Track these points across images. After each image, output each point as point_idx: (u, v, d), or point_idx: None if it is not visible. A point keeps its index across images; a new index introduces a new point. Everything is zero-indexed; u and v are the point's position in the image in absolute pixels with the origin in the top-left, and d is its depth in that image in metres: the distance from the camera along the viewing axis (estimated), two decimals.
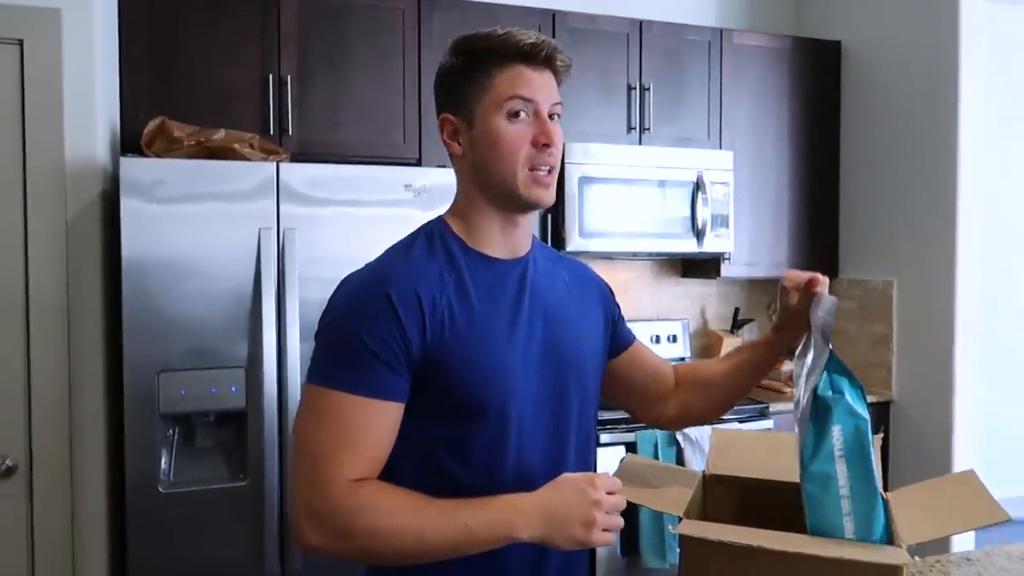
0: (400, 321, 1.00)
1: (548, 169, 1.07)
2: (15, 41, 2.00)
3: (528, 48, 1.05)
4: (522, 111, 1.04)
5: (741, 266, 3.18)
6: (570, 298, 1.20)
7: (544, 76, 1.07)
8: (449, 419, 1.05)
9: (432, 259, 1.07)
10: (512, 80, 1.05)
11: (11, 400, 2.03)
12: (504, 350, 1.06)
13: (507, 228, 1.11)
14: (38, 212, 2.02)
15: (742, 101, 3.17)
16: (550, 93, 1.07)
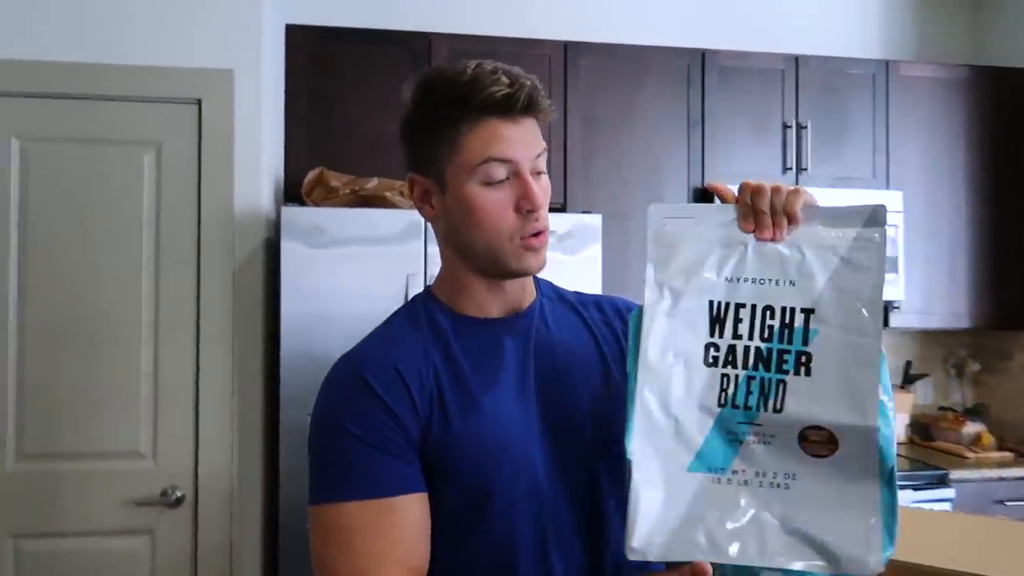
0: (385, 404, 0.86)
1: (537, 233, 0.90)
2: (194, 101, 2.17)
3: (502, 100, 0.87)
4: (500, 175, 0.88)
5: (912, 315, 2.90)
6: (589, 345, 1.01)
7: (523, 127, 0.89)
8: (448, 514, 0.89)
9: (414, 332, 0.94)
10: (485, 140, 0.87)
11: (181, 434, 2.16)
12: (506, 424, 0.90)
13: (494, 288, 0.96)
14: (209, 255, 2.16)
15: (911, 137, 2.93)
16: (531, 145, 0.89)
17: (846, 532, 0.72)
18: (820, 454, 0.73)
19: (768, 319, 0.77)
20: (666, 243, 0.81)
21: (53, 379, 2.11)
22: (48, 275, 2.12)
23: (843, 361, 0.75)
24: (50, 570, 2.11)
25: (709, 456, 0.76)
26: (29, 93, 2.10)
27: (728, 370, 0.77)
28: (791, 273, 0.78)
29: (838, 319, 0.76)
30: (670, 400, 0.77)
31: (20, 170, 2.11)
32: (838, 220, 0.79)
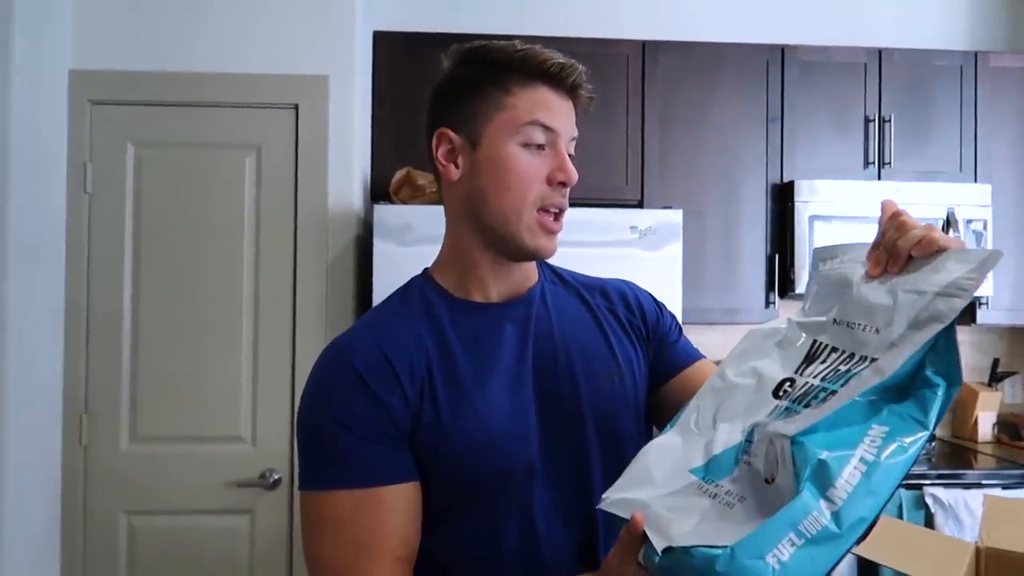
0: (374, 393, 0.84)
1: (558, 212, 0.90)
2: (291, 105, 2.29)
3: (556, 69, 0.89)
4: (540, 140, 0.89)
5: (1001, 312, 2.83)
6: (593, 332, 0.98)
7: (569, 105, 0.92)
8: (436, 505, 0.87)
9: (406, 317, 0.92)
10: (535, 103, 0.89)
11: (278, 419, 2.28)
12: (499, 418, 0.87)
13: (499, 269, 0.94)
14: (305, 251, 2.29)
15: (1002, 129, 2.85)
16: (571, 126, 0.92)
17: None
18: (770, 477, 0.67)
19: (841, 364, 0.72)
20: (814, 283, 0.84)
21: (163, 368, 2.27)
22: (159, 271, 2.27)
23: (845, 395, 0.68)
24: (159, 545, 2.27)
25: (715, 467, 0.73)
26: (143, 102, 2.27)
27: (784, 402, 0.73)
28: (880, 320, 0.71)
29: (883, 364, 0.68)
30: (722, 411, 0.77)
31: (134, 173, 2.28)
32: (945, 263, 0.70)
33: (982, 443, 2.95)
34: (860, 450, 0.64)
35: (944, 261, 0.70)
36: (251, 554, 2.28)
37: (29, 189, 2.05)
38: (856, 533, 0.63)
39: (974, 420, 2.99)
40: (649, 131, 2.72)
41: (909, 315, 0.69)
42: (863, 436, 0.65)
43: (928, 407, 0.67)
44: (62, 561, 2.23)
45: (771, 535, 0.62)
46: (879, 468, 0.63)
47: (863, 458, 0.64)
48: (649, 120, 2.72)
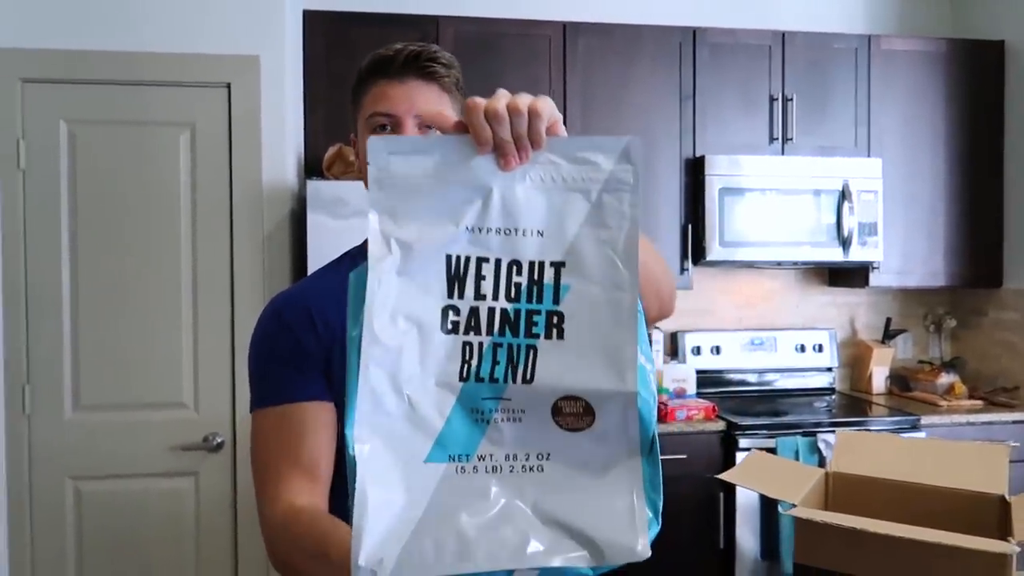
0: (292, 331, 1.00)
1: None
2: (223, 84, 2.38)
3: (382, 62, 1.02)
4: (384, 124, 1.01)
5: (891, 275, 3.11)
6: None
7: (407, 87, 1.01)
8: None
9: (333, 275, 1.06)
10: (373, 98, 1.02)
11: (219, 386, 2.40)
12: None
13: None
14: (241, 225, 2.39)
15: (892, 107, 3.11)
16: (413, 103, 1.01)
17: (608, 515, 0.62)
18: (575, 427, 0.63)
19: (515, 275, 0.65)
20: (393, 185, 0.65)
21: (104, 339, 2.35)
22: (97, 245, 2.35)
23: (598, 321, 0.64)
24: (106, 508, 2.37)
25: (451, 442, 0.63)
26: (75, 80, 2.32)
27: (471, 337, 0.64)
28: (539, 221, 0.65)
29: (591, 273, 0.64)
30: (401, 377, 0.63)
31: (68, 150, 2.33)
32: (588, 157, 0.66)
33: (875, 395, 3.25)
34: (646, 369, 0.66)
35: (580, 151, 0.66)
36: (197, 513, 2.40)
37: None
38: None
39: (869, 374, 3.28)
40: (571, 109, 2.87)
41: (579, 213, 0.65)
42: (640, 362, 0.65)
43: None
44: (9, 525, 2.32)
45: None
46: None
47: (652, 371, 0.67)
48: (571, 99, 2.88)
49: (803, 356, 3.29)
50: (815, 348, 3.31)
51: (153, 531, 2.38)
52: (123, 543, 2.37)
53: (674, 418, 2.73)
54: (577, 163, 0.66)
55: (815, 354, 3.30)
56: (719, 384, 3.24)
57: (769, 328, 3.35)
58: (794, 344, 3.29)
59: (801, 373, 3.31)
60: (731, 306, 3.36)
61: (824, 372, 3.32)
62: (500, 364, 0.64)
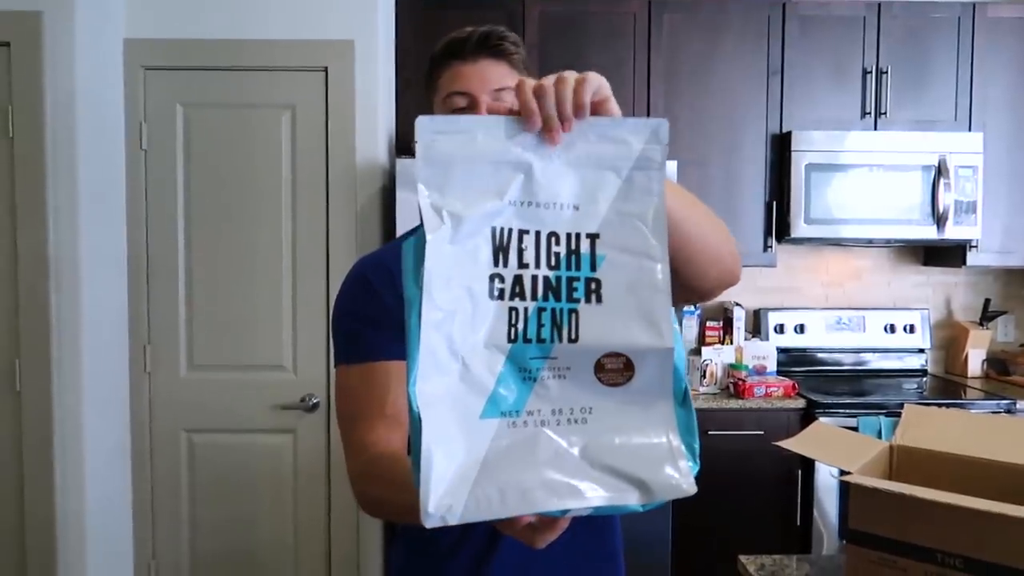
0: (376, 291, 1.05)
1: None
2: (321, 68, 2.53)
3: (456, 44, 1.07)
4: (460, 104, 1.05)
5: (991, 254, 2.98)
6: None
7: (479, 66, 1.05)
8: None
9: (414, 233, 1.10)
10: (448, 79, 1.06)
11: (315, 350, 2.58)
12: None
13: None
14: (336, 200, 2.55)
15: (997, 79, 2.96)
16: (486, 81, 1.05)
17: (650, 456, 0.68)
18: (616, 382, 0.69)
19: (554, 246, 0.70)
20: (440, 161, 0.69)
21: (214, 306, 2.57)
22: (208, 218, 2.56)
23: (634, 285, 0.70)
24: (215, 458, 2.60)
25: (502, 399, 0.68)
26: (191, 66, 2.52)
27: (516, 303, 0.69)
28: (574, 196, 0.71)
29: (624, 244, 0.70)
30: (456, 340, 0.68)
31: (184, 131, 2.54)
32: (620, 136, 0.71)
33: (971, 378, 3.14)
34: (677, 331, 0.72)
35: (613, 131, 0.71)
36: (295, 467, 2.60)
37: (92, 147, 2.33)
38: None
39: (964, 357, 3.17)
40: (655, 86, 2.89)
41: (610, 189, 0.71)
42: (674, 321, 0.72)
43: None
44: (132, 472, 2.58)
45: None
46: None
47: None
48: (655, 76, 2.89)
49: (893, 337, 3.21)
50: (906, 329, 3.21)
51: (256, 481, 2.60)
52: (230, 490, 2.60)
53: (752, 395, 2.73)
54: (610, 142, 0.71)
55: (906, 335, 3.21)
56: (803, 363, 3.21)
57: (858, 307, 3.27)
58: (883, 324, 3.21)
59: (891, 354, 3.23)
60: (817, 284, 3.30)
61: (916, 353, 3.23)
62: (545, 326, 0.69)
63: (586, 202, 0.71)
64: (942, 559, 1.16)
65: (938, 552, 1.16)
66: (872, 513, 1.21)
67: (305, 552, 2.61)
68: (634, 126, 0.71)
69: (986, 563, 1.12)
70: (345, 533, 2.60)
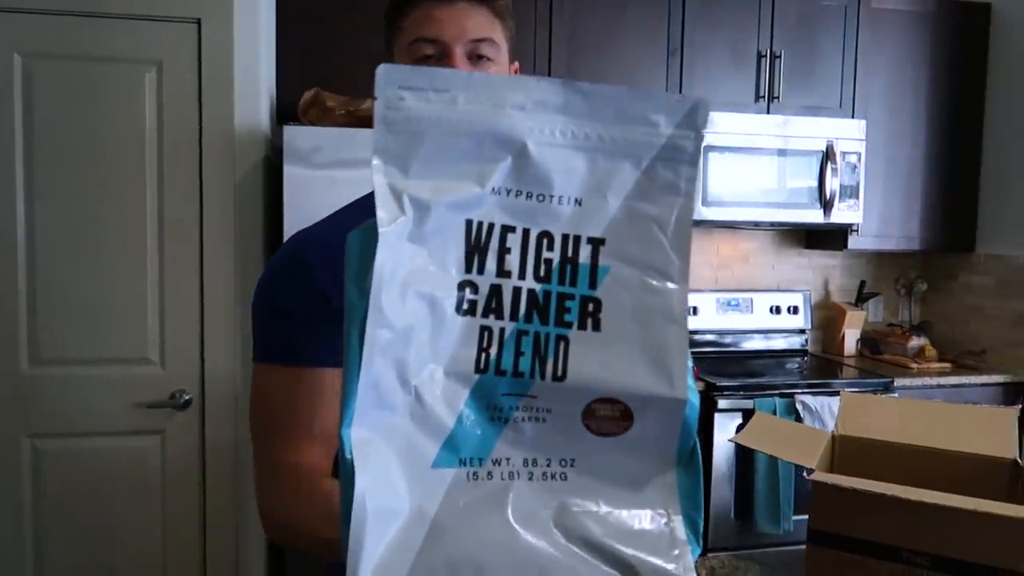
0: (314, 279, 0.89)
1: None
2: (193, 20, 2.22)
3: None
4: (427, 52, 0.90)
5: (870, 238, 3.11)
6: None
7: (457, 10, 0.90)
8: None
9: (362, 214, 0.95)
10: (418, 21, 0.91)
11: (187, 341, 2.28)
12: None
13: None
14: (211, 171, 2.25)
15: (879, 68, 3.08)
16: (465, 29, 0.90)
17: (642, 536, 0.54)
18: (608, 432, 0.55)
19: (545, 250, 0.54)
20: (405, 129, 0.52)
21: (63, 289, 2.21)
22: (55, 189, 2.19)
23: (642, 311, 0.55)
24: (66, 467, 2.25)
25: (462, 443, 0.53)
26: (31, 8, 2.13)
27: (491, 321, 0.54)
28: (577, 188, 0.55)
29: (634, 255, 0.55)
30: (409, 365, 0.52)
31: (23, 86, 2.16)
32: (644, 115, 0.55)
33: (847, 357, 3.28)
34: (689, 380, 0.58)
35: (637, 107, 0.55)
36: (163, 471, 2.30)
37: None
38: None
39: (841, 337, 3.31)
40: (556, 63, 2.77)
41: (625, 183, 0.55)
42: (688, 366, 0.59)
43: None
44: None
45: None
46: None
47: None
48: (556, 52, 2.78)
49: (778, 318, 3.30)
50: (790, 310, 3.31)
51: (117, 491, 2.28)
52: (85, 504, 2.27)
53: None
54: (629, 122, 0.55)
55: (789, 316, 3.31)
56: (695, 345, 3.23)
57: (747, 289, 3.34)
58: (769, 306, 3.29)
59: (776, 335, 3.32)
60: (708, 267, 3.34)
61: (798, 334, 3.34)
62: (525, 355, 0.54)
63: (592, 197, 0.55)
64: (907, 557, 1.12)
65: (903, 550, 1.12)
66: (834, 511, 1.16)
67: (177, 564, 2.33)
68: (664, 104, 0.55)
69: (953, 560, 1.09)
70: (223, 540, 2.34)
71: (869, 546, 1.16)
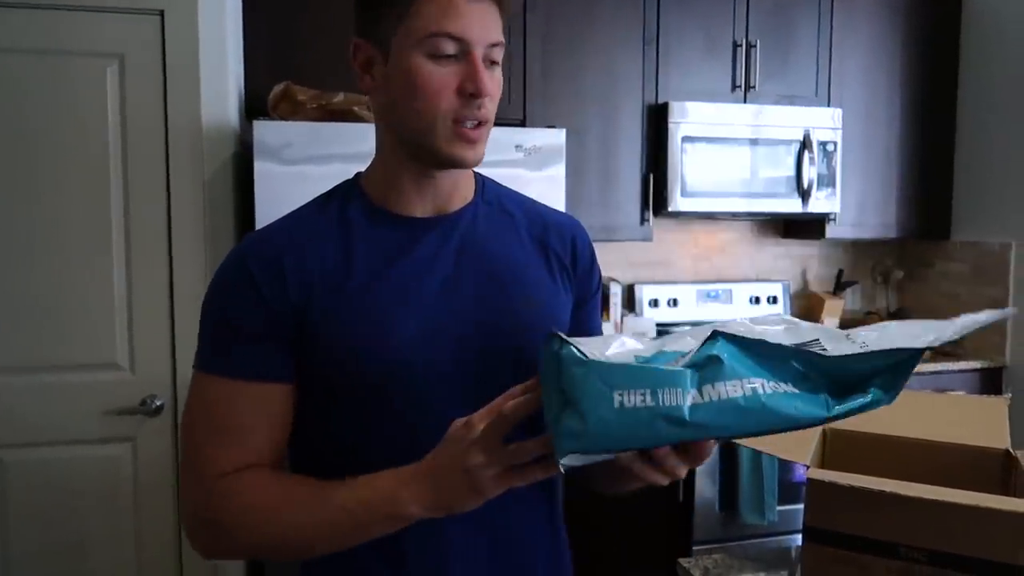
0: (259, 289, 0.85)
1: (476, 123, 0.85)
2: (156, 11, 2.13)
3: None
4: (449, 50, 0.82)
5: (847, 227, 3.11)
6: (527, 258, 0.96)
7: (482, 8, 0.83)
8: (328, 409, 0.88)
9: (318, 220, 0.91)
10: (440, 10, 0.81)
11: (157, 344, 2.21)
12: (392, 319, 0.86)
13: (422, 181, 0.91)
14: (179, 168, 2.18)
15: (853, 56, 3.07)
16: (487, 30, 0.83)
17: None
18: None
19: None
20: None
21: (24, 293, 2.12)
22: (13, 189, 2.10)
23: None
24: (31, 478, 2.17)
25: (659, 358, 0.69)
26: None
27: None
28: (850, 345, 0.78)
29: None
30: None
31: None
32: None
33: None
34: (759, 382, 0.66)
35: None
36: (135, 480, 2.23)
37: None
38: (690, 435, 0.66)
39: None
40: (531, 49, 2.72)
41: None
42: (773, 378, 0.66)
43: (846, 400, 0.70)
44: None
45: (632, 377, 0.64)
46: (759, 404, 0.65)
47: (756, 388, 0.66)
48: (531, 38, 2.72)
49: (757, 308, 3.29)
50: (769, 300, 3.31)
51: (87, 502, 2.20)
52: (53, 516, 2.18)
53: None
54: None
55: (769, 306, 3.31)
56: None
57: (726, 280, 3.32)
58: (748, 296, 3.28)
59: None
60: (688, 258, 3.32)
61: None
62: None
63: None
64: (905, 553, 1.09)
65: (901, 546, 1.09)
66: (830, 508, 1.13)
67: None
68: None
69: (951, 555, 1.07)
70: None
71: (866, 542, 1.14)
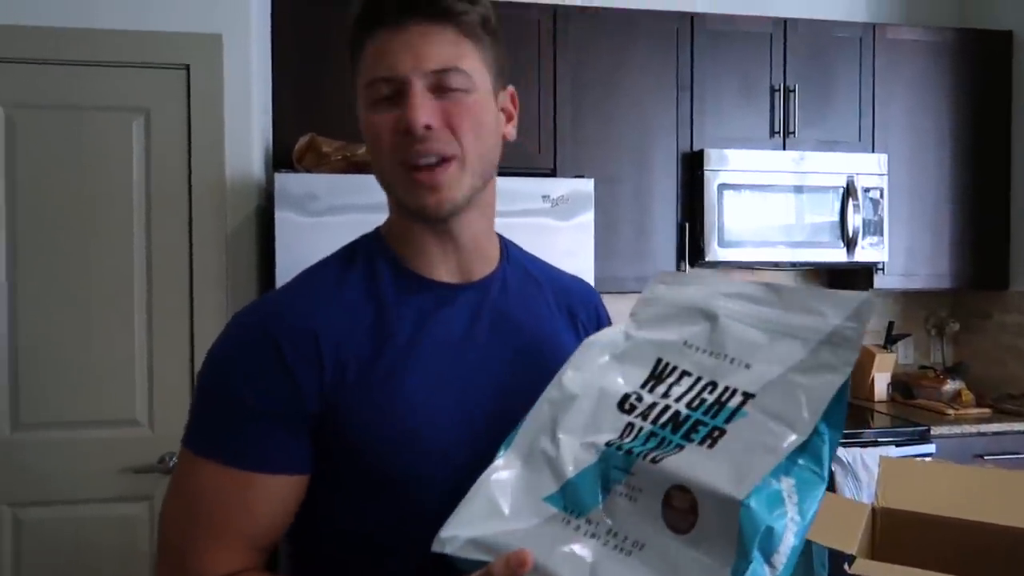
0: (289, 369, 0.75)
1: (435, 162, 0.77)
2: (182, 66, 2.14)
3: (374, 3, 0.77)
4: (383, 92, 0.77)
5: (896, 277, 2.96)
6: (555, 327, 0.91)
7: (412, 34, 0.75)
8: (353, 498, 0.78)
9: (346, 285, 0.82)
10: (372, 57, 0.77)
11: (177, 401, 2.16)
12: (433, 405, 0.78)
13: (444, 242, 0.84)
14: (202, 222, 2.16)
15: (897, 100, 2.95)
16: (425, 57, 0.75)
17: None
18: (678, 527, 0.62)
19: (706, 393, 0.70)
20: (649, 301, 0.80)
21: (47, 349, 2.11)
22: (38, 243, 2.10)
23: (752, 443, 0.64)
24: (49, 536, 2.12)
25: (573, 494, 0.66)
26: (14, 58, 2.07)
27: (637, 420, 0.69)
28: (750, 355, 0.71)
29: (775, 409, 0.66)
30: (562, 424, 0.70)
31: (6, 136, 2.08)
32: (817, 307, 0.71)
33: (878, 402, 3.10)
34: (789, 509, 0.61)
35: (817, 303, 0.71)
36: (151, 542, 2.16)
37: None
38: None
39: (871, 381, 3.13)
40: (561, 98, 2.68)
41: (790, 358, 0.69)
42: (782, 493, 0.62)
43: (821, 458, 0.66)
44: None
45: None
46: (804, 527, 0.62)
47: (793, 519, 0.62)
48: (561, 87, 2.68)
49: None
50: None
51: (103, 561, 2.14)
52: (69, 573, 2.13)
53: None
54: (805, 312, 0.71)
55: None
56: None
57: None
58: None
59: None
60: None
61: None
62: (644, 445, 0.66)
63: (761, 363, 0.70)
64: None
65: None
66: None
67: None
68: (836, 300, 0.71)
69: None
70: None
71: None
